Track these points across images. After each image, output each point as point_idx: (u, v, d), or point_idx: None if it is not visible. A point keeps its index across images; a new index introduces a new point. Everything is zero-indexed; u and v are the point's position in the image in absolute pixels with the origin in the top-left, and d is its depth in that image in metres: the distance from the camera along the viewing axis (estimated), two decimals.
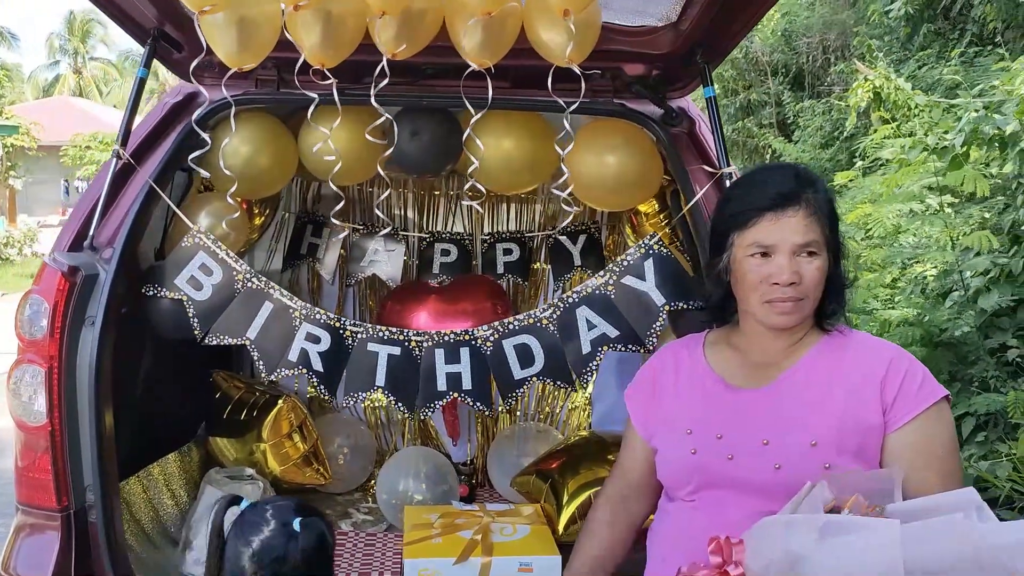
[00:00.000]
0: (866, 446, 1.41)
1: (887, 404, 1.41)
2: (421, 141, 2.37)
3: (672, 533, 1.56)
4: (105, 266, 2.12)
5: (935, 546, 1.13)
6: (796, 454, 1.41)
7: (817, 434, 1.41)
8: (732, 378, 1.55)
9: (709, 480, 1.49)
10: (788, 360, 1.51)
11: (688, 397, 1.58)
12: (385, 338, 2.25)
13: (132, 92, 2.27)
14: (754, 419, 1.47)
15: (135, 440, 2.38)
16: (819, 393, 1.45)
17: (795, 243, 1.43)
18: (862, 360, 1.46)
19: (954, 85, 7.57)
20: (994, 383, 4.14)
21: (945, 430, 1.42)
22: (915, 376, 1.42)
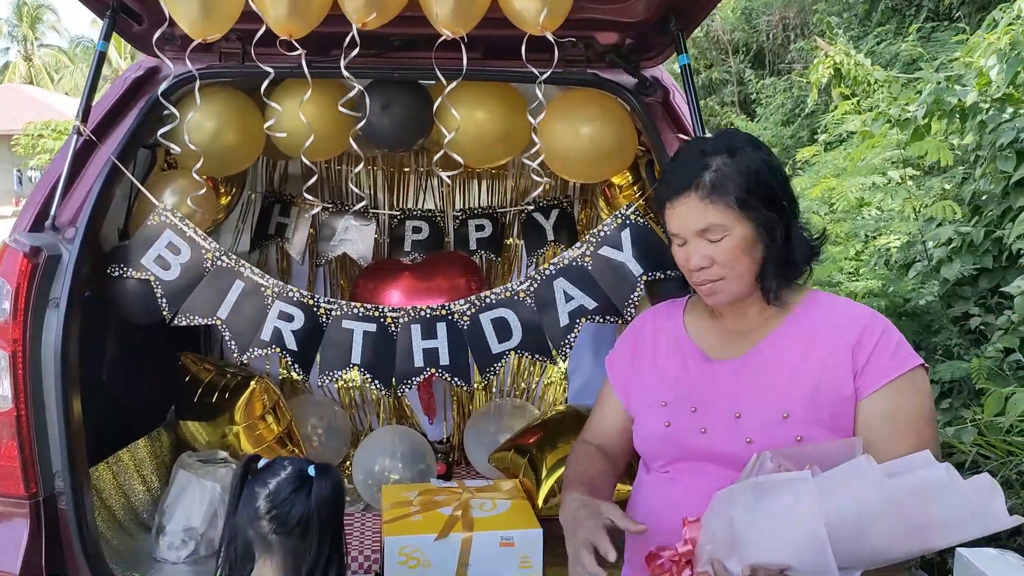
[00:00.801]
0: (839, 416, 1.38)
1: (857, 370, 1.38)
2: (393, 114, 2.32)
3: (648, 505, 1.54)
4: (68, 246, 2.06)
5: (848, 492, 1.14)
6: (768, 427, 1.39)
7: (789, 406, 1.38)
8: (710, 348, 1.53)
9: (683, 453, 1.47)
10: (764, 329, 1.48)
11: (666, 367, 1.56)
12: (360, 315, 2.21)
13: (92, 66, 2.19)
14: (727, 392, 1.45)
15: (103, 425, 2.33)
16: (793, 363, 1.42)
17: (695, 229, 1.41)
18: (836, 327, 1.42)
19: (912, 60, 7.68)
20: (957, 351, 4.22)
21: (919, 398, 1.38)
22: (888, 342, 1.38)
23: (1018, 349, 3.76)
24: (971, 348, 4.21)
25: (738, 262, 1.41)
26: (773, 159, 1.46)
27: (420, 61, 2.22)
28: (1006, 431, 3.47)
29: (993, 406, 3.25)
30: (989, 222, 4.31)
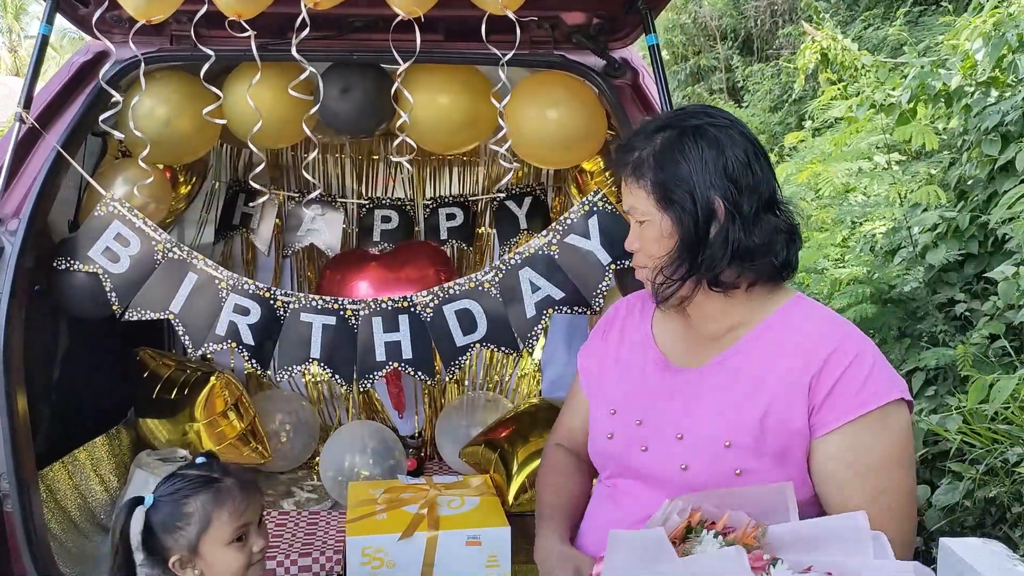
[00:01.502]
0: (789, 450, 1.23)
1: (814, 405, 1.22)
2: (352, 99, 2.24)
3: (593, 519, 1.46)
4: (11, 238, 1.98)
5: None
6: (707, 454, 1.26)
7: (733, 434, 1.24)
8: (671, 353, 1.40)
9: (622, 469, 1.38)
10: (730, 336, 1.33)
11: (626, 368, 1.44)
12: (319, 307, 2.13)
13: (35, 50, 2.10)
14: (676, 407, 1.32)
15: (57, 424, 2.26)
16: (749, 384, 1.27)
17: (628, 207, 1.36)
18: (801, 349, 1.26)
19: (899, 45, 7.62)
20: (942, 337, 4.17)
21: (887, 440, 1.21)
22: (857, 374, 1.21)
23: (1003, 335, 3.71)
24: (956, 335, 4.16)
25: (653, 254, 1.32)
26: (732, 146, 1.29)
27: (379, 43, 2.14)
28: (991, 418, 3.43)
29: (977, 393, 3.20)
30: (974, 207, 4.26)
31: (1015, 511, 3.15)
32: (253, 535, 1.47)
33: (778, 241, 1.30)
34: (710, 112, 1.35)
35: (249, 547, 1.46)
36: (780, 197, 1.34)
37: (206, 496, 1.44)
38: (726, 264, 1.29)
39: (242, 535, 1.45)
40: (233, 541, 1.44)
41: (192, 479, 1.47)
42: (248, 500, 1.47)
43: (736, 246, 1.28)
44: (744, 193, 1.28)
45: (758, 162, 1.30)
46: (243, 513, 1.45)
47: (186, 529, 1.43)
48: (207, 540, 1.43)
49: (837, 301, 4.43)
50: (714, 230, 1.29)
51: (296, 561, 2.12)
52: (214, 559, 1.44)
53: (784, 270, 1.33)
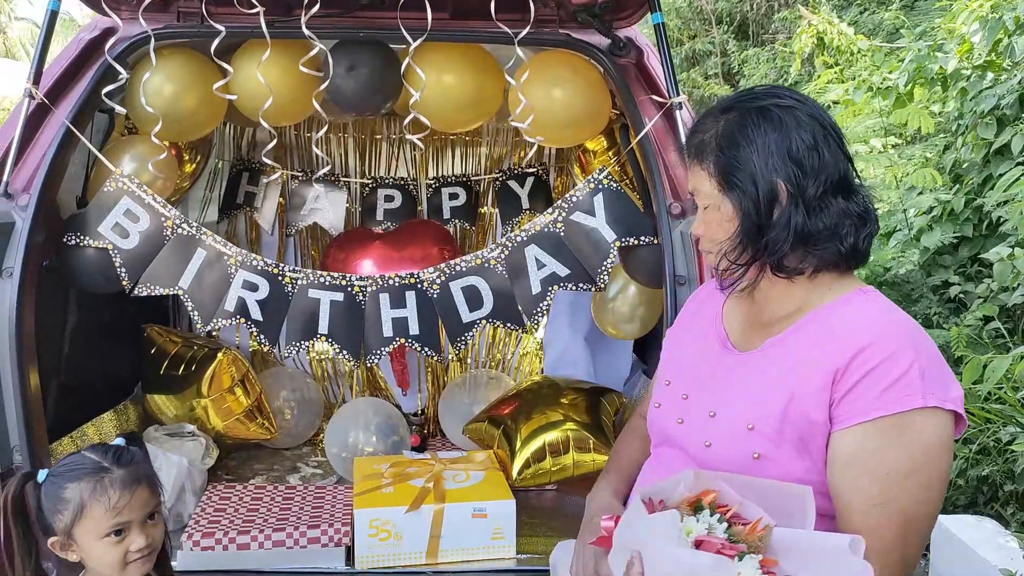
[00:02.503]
0: (809, 440, 1.21)
1: (835, 399, 1.19)
2: (359, 76, 2.25)
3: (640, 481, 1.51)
4: (21, 214, 1.99)
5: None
6: (729, 434, 1.27)
7: (756, 418, 1.24)
8: (733, 334, 1.40)
9: (664, 438, 1.43)
10: (782, 324, 1.31)
11: (690, 345, 1.47)
12: (327, 284, 2.16)
13: (43, 26, 2.11)
14: (715, 387, 1.35)
15: (66, 399, 2.28)
16: (782, 370, 1.26)
17: (693, 191, 1.36)
18: (834, 339, 1.23)
19: (895, 29, 7.63)
20: (937, 319, 4.22)
21: (905, 448, 1.15)
22: (886, 374, 1.16)
23: (997, 317, 3.76)
24: (951, 317, 4.21)
25: (717, 239, 1.31)
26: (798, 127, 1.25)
27: (387, 21, 2.15)
28: (984, 398, 3.47)
29: (971, 374, 3.24)
30: (970, 190, 4.30)
31: (1007, 489, 3.21)
32: (133, 533, 1.41)
33: (844, 226, 1.25)
34: (777, 92, 1.31)
35: (126, 545, 1.40)
36: (854, 180, 1.29)
37: (86, 485, 1.39)
38: (788, 248, 1.26)
39: (120, 531, 1.40)
40: (108, 535, 1.39)
41: (84, 463, 1.43)
42: (130, 497, 1.41)
43: (799, 230, 1.24)
44: (809, 176, 1.24)
45: (827, 144, 1.26)
46: (120, 510, 1.39)
47: (63, 514, 1.39)
48: (80, 530, 1.39)
49: None
50: (776, 213, 1.26)
51: (305, 533, 2.14)
52: (88, 549, 1.41)
53: (852, 257, 1.28)
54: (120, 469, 1.43)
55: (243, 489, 2.43)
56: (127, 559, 1.41)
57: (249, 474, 2.64)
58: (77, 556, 1.43)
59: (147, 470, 1.49)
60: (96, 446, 1.50)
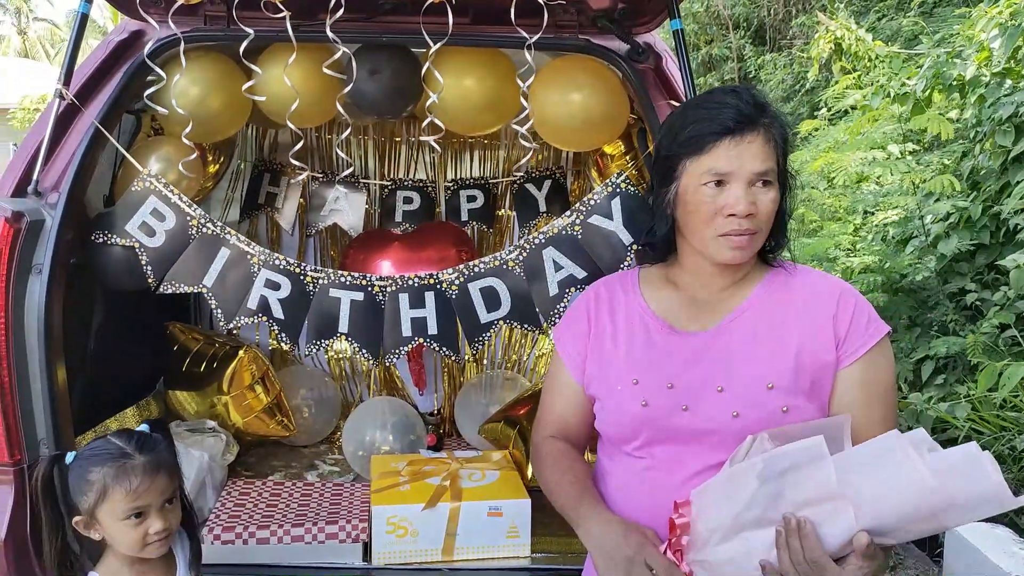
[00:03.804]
0: (819, 384, 1.35)
1: (839, 339, 1.36)
2: (381, 80, 2.29)
3: (626, 492, 1.44)
4: (51, 211, 2.03)
5: (877, 475, 1.11)
6: (753, 399, 1.32)
7: (772, 376, 1.33)
8: (676, 320, 1.44)
9: (661, 434, 1.38)
10: (734, 298, 1.42)
11: (629, 342, 1.45)
12: (348, 283, 2.19)
13: (74, 28, 2.15)
14: (704, 364, 1.37)
15: (90, 394, 2.32)
16: (771, 332, 1.38)
17: (753, 171, 1.32)
18: (812, 296, 1.40)
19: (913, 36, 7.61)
20: (953, 326, 4.21)
21: (888, 366, 1.39)
22: (863, 312, 1.38)
23: (1013, 325, 3.75)
24: (967, 324, 4.20)
25: (770, 219, 1.38)
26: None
27: (409, 25, 2.19)
28: (999, 406, 3.47)
29: (987, 381, 3.24)
30: (987, 197, 4.29)
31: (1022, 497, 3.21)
32: (152, 516, 1.49)
33: None
34: None
35: (145, 527, 1.48)
36: None
37: (109, 469, 1.47)
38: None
39: (140, 513, 1.48)
40: (128, 518, 1.47)
41: (108, 448, 1.51)
42: (150, 483, 1.49)
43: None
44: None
45: None
46: (140, 495, 1.47)
47: (88, 495, 1.47)
48: (103, 511, 1.48)
49: None
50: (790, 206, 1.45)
51: (323, 528, 2.18)
52: (109, 529, 1.49)
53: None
54: (142, 456, 1.50)
55: (262, 485, 2.47)
56: (146, 540, 1.48)
57: (267, 470, 2.68)
58: (100, 535, 1.51)
59: (168, 457, 1.56)
60: (121, 432, 1.58)
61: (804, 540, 1.12)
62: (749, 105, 1.35)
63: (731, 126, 1.33)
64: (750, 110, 1.34)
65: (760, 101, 1.37)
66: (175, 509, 1.55)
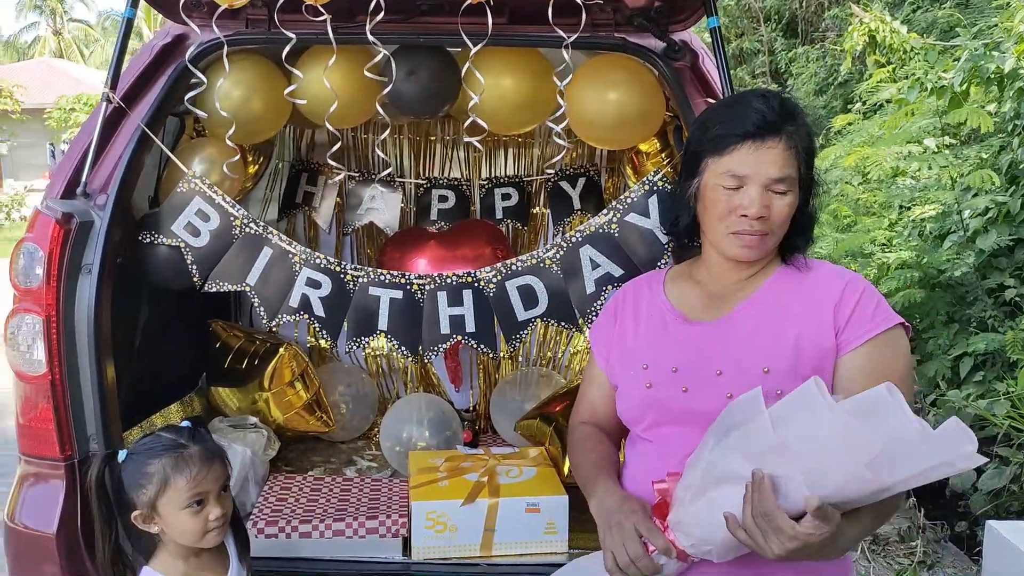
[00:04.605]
0: (820, 370, 1.37)
1: (840, 326, 1.39)
2: (419, 80, 2.31)
3: (632, 469, 1.54)
4: (99, 212, 2.08)
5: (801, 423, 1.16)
6: (749, 382, 1.36)
7: (769, 361, 1.39)
8: (691, 311, 1.53)
9: (664, 415, 1.46)
10: (745, 291, 1.49)
11: (647, 333, 1.55)
12: (387, 282, 2.22)
13: (120, 33, 2.20)
14: (708, 350, 1.45)
15: (136, 390, 2.37)
16: (773, 321, 1.43)
17: (769, 177, 1.39)
18: (817, 286, 1.44)
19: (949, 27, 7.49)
20: (992, 323, 4.15)
21: (897, 358, 1.38)
22: (870, 301, 1.40)
23: None
24: (1006, 320, 4.14)
25: (784, 224, 1.43)
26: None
27: (446, 26, 2.21)
28: None
29: None
30: None
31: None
32: (211, 503, 1.55)
33: None
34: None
35: (205, 514, 1.54)
36: None
37: (168, 460, 1.53)
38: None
39: (200, 501, 1.54)
40: (189, 506, 1.53)
41: (162, 442, 1.57)
42: (208, 470, 1.55)
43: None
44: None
45: None
46: (200, 481, 1.53)
47: (147, 488, 1.53)
48: (164, 501, 1.53)
49: (884, 286, 4.43)
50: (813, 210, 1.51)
51: (364, 523, 2.21)
52: (171, 520, 1.54)
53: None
54: (196, 445, 1.57)
55: (302, 480, 2.51)
56: (207, 527, 1.54)
57: (307, 466, 2.73)
58: (158, 528, 1.56)
59: (218, 447, 1.63)
60: (169, 427, 1.65)
61: (758, 492, 1.17)
62: (775, 112, 1.41)
63: (753, 130, 1.40)
64: (775, 117, 1.41)
65: (789, 109, 1.44)
66: (229, 496, 1.61)
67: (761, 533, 1.16)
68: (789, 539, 1.14)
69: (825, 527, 1.13)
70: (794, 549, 1.14)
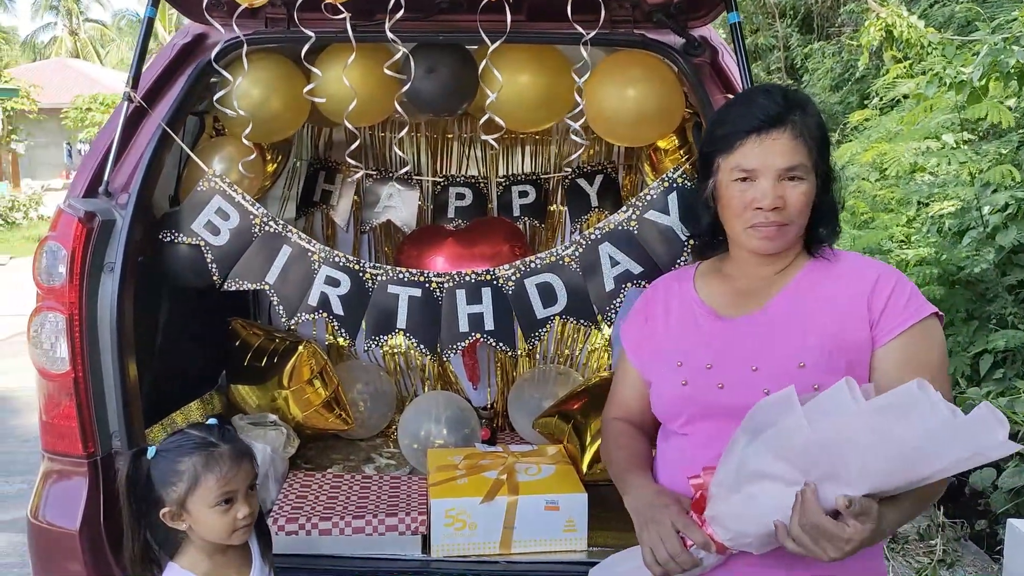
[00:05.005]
0: (855, 364, 1.39)
1: (874, 319, 1.39)
2: (438, 78, 2.31)
3: (668, 465, 1.55)
4: (121, 211, 2.09)
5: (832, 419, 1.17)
6: (784, 377, 1.37)
7: (804, 356, 1.39)
8: (721, 307, 1.54)
9: (700, 411, 1.48)
10: (776, 286, 1.50)
11: (679, 329, 1.57)
12: (405, 280, 2.22)
13: (140, 33, 2.22)
14: (743, 346, 1.46)
15: (157, 388, 2.38)
16: (807, 315, 1.43)
17: (778, 167, 1.41)
18: (849, 278, 1.45)
19: (967, 22, 7.43)
20: (1012, 320, 4.12)
21: (933, 348, 1.39)
22: (903, 292, 1.40)
23: None
24: None
25: (803, 212, 1.44)
26: None
27: (465, 24, 2.21)
28: None
29: None
30: None
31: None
32: (239, 502, 1.56)
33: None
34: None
35: (234, 513, 1.55)
36: None
37: (198, 458, 1.54)
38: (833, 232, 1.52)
39: (229, 499, 1.54)
40: (218, 504, 1.53)
41: (192, 439, 1.58)
42: (237, 469, 1.56)
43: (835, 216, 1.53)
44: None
45: None
46: (230, 480, 1.54)
47: (177, 485, 1.53)
48: (194, 499, 1.53)
49: None
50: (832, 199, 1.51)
51: (383, 520, 2.22)
52: (200, 517, 1.54)
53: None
54: (226, 444, 1.58)
55: (322, 477, 2.52)
56: (235, 526, 1.55)
57: (326, 463, 2.73)
58: (187, 525, 1.56)
59: (246, 446, 1.63)
60: (196, 425, 1.66)
61: (804, 505, 1.19)
62: (779, 104, 1.43)
63: (757, 125, 1.42)
64: (777, 109, 1.43)
65: (793, 99, 1.45)
66: (256, 494, 1.62)
67: (813, 541, 1.19)
68: (843, 542, 1.17)
69: (868, 523, 1.16)
70: (848, 551, 1.18)
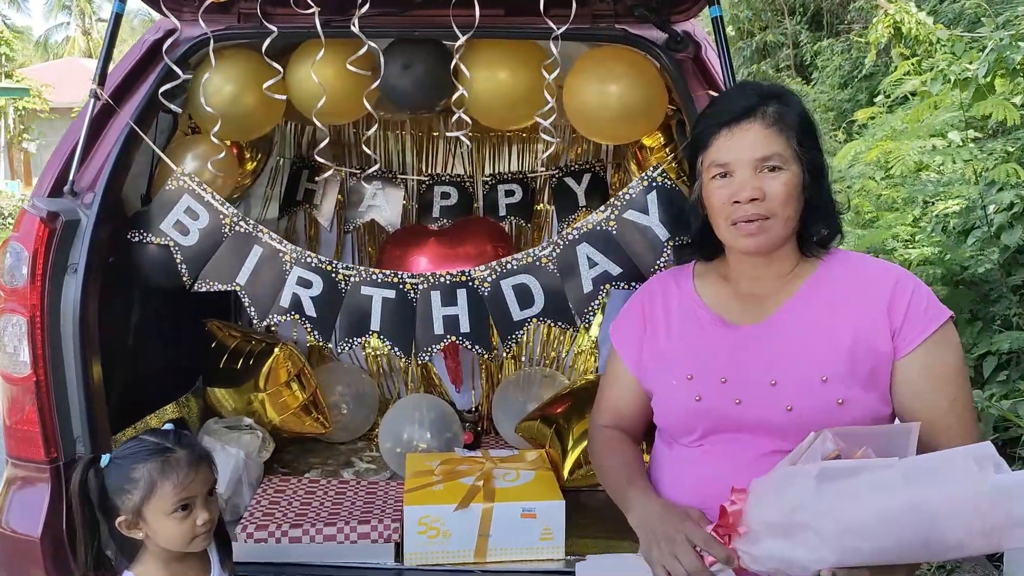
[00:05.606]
0: (877, 375, 1.35)
1: (895, 329, 1.35)
2: (413, 74, 2.26)
3: (678, 479, 1.49)
4: (86, 211, 2.05)
5: (937, 487, 1.07)
6: (807, 392, 1.33)
7: (826, 369, 1.34)
8: (728, 313, 1.47)
9: (715, 426, 1.42)
10: (785, 291, 1.44)
11: (683, 336, 1.50)
12: (379, 281, 2.17)
13: (108, 29, 2.17)
14: (758, 358, 1.39)
15: (129, 391, 2.34)
16: (823, 324, 1.38)
17: (753, 157, 1.37)
18: (865, 284, 1.40)
19: (976, 18, 7.32)
20: (1016, 321, 4.04)
21: (953, 351, 1.36)
22: (921, 298, 1.36)
23: None
24: None
25: (786, 204, 1.37)
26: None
27: (441, 19, 2.15)
28: None
29: None
30: None
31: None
32: (198, 508, 1.51)
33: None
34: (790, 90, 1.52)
35: (192, 519, 1.50)
36: None
37: (153, 464, 1.49)
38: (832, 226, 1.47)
39: (186, 506, 1.49)
40: (176, 511, 1.48)
41: (147, 446, 1.52)
42: (195, 474, 1.51)
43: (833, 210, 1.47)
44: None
45: None
46: (187, 486, 1.49)
47: (132, 493, 1.48)
48: (150, 507, 1.48)
49: None
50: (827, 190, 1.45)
51: (355, 528, 2.16)
52: (157, 525, 1.49)
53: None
54: (182, 449, 1.53)
55: (297, 483, 2.47)
56: (194, 533, 1.50)
57: (304, 467, 2.69)
58: (143, 534, 1.51)
59: (204, 450, 1.59)
60: (152, 430, 1.60)
61: None
62: (752, 97, 1.40)
63: (727, 118, 1.39)
64: (748, 101, 1.39)
65: (767, 91, 1.42)
66: (215, 500, 1.58)
67: None
68: None
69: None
70: None
